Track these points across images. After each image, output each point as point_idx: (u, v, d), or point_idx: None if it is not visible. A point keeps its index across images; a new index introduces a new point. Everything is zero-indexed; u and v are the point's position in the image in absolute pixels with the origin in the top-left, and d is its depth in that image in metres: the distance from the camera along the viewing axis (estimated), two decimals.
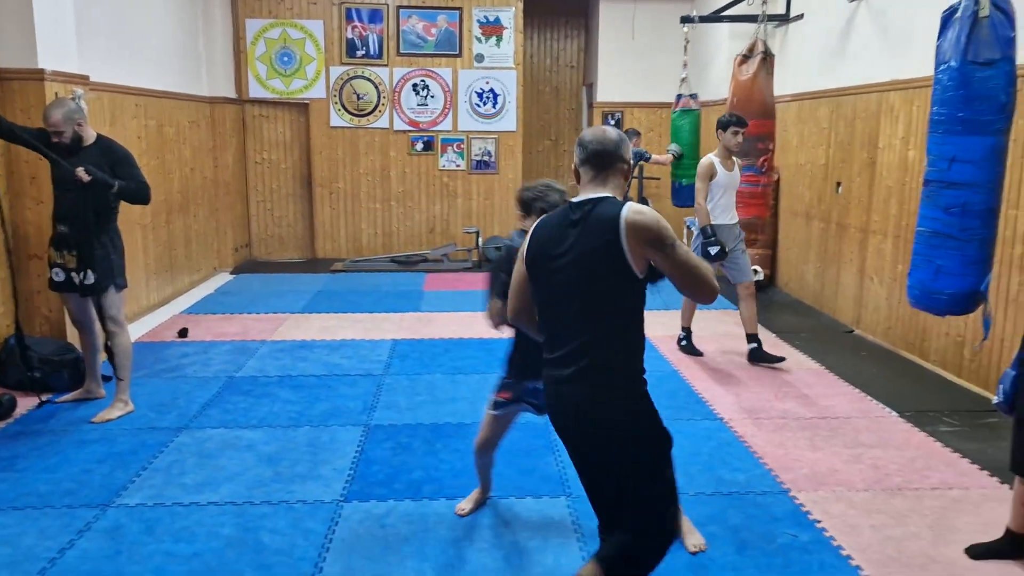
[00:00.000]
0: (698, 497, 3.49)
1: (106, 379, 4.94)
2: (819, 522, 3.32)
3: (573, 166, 2.36)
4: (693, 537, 3.11)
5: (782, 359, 5.46)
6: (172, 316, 6.84)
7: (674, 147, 8.35)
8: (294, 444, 4.13)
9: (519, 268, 2.36)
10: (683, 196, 8.32)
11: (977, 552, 3.05)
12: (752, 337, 5.53)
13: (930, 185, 3.38)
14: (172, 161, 7.55)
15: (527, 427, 4.34)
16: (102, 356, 4.66)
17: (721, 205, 5.45)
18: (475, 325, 6.53)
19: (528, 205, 3.02)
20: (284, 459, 3.94)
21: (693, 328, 5.85)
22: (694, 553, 3.04)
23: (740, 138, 5.40)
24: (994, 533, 3.14)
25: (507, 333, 3.12)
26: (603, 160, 2.27)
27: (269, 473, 3.77)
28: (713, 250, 5.29)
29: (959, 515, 3.38)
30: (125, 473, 3.74)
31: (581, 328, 2.21)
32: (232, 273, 8.83)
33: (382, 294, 7.81)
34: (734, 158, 5.53)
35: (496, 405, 3.21)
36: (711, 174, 5.41)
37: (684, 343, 5.83)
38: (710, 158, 5.47)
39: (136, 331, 6.21)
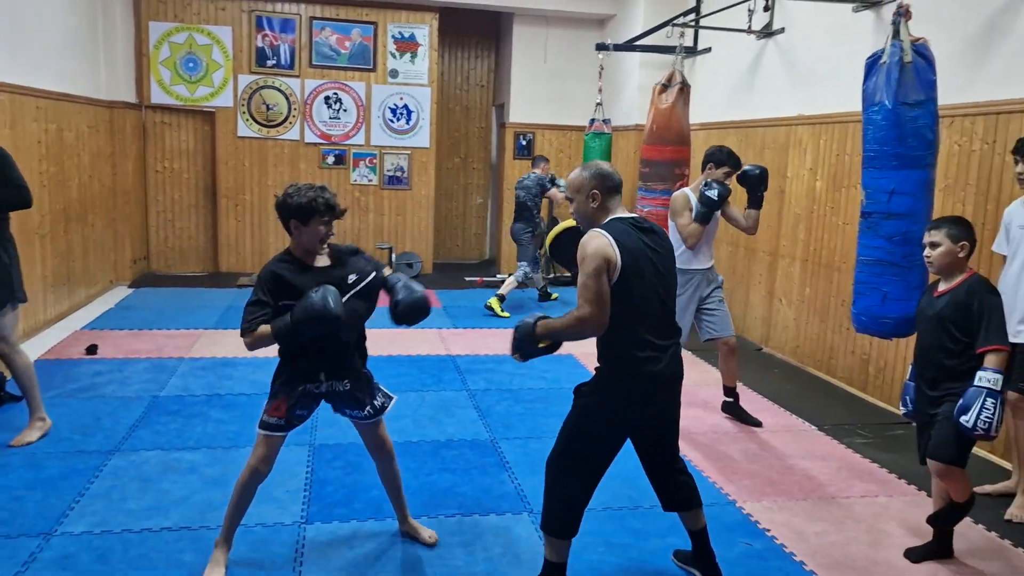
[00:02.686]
0: (653, 510, 3.61)
1: (15, 399, 4.63)
2: (768, 531, 3.53)
3: (593, 191, 2.74)
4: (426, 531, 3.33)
5: (759, 423, 4.87)
6: (74, 332, 6.45)
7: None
8: (239, 465, 3.92)
9: (603, 275, 2.56)
10: None
11: (915, 555, 3.31)
12: (730, 391, 5.00)
13: (871, 216, 3.67)
14: (71, 167, 7.15)
15: (476, 445, 4.38)
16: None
17: (696, 248, 4.68)
18: (402, 342, 6.50)
19: (306, 209, 2.80)
20: (232, 481, 3.74)
21: None
22: (432, 545, 3.26)
23: (730, 182, 4.64)
24: (922, 536, 3.43)
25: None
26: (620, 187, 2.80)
27: (219, 496, 3.63)
28: (712, 192, 4.43)
29: (889, 521, 3.66)
30: (61, 500, 3.52)
31: (672, 315, 2.78)
32: (131, 287, 8.40)
33: None
34: None
35: (273, 426, 2.98)
36: (688, 208, 4.64)
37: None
38: (686, 192, 4.74)
39: (38, 348, 5.85)
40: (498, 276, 9.14)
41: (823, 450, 4.53)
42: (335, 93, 9.29)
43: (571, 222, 2.98)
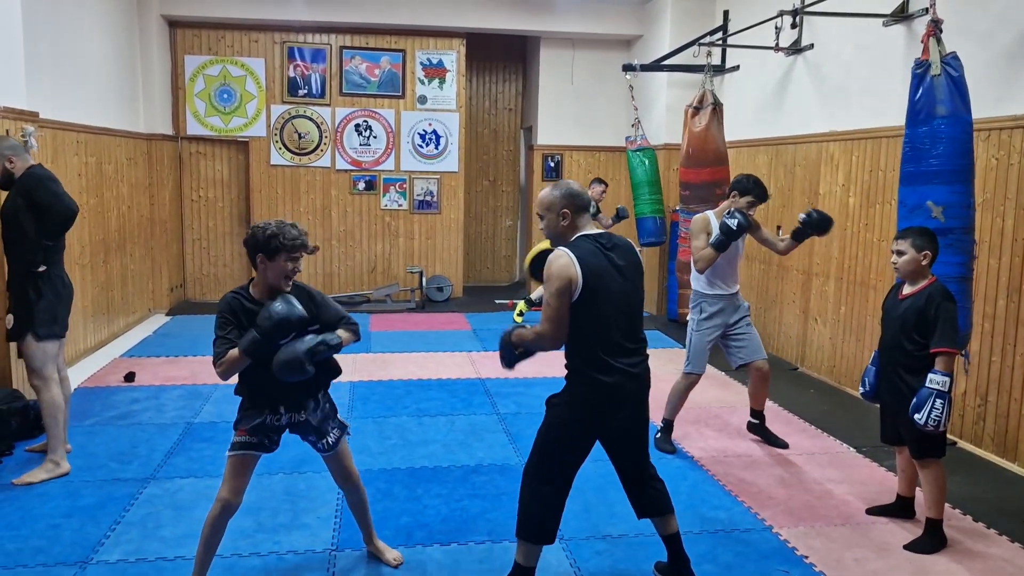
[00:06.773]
0: (687, 536, 3.55)
1: None
2: (806, 557, 3.44)
3: (564, 210, 2.89)
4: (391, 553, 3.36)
5: (786, 445, 4.79)
6: (112, 359, 6.56)
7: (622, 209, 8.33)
8: (271, 492, 4.01)
9: (564, 295, 2.73)
10: (645, 231, 8.45)
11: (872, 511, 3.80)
12: (756, 413, 4.93)
13: (952, 233, 3.82)
14: (110, 199, 7.31)
15: (506, 470, 4.34)
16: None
17: (717, 272, 4.59)
18: (432, 366, 6.51)
19: (272, 243, 2.77)
20: (264, 509, 3.83)
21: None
22: (397, 566, 3.28)
23: (754, 212, 4.54)
24: (968, 566, 3.33)
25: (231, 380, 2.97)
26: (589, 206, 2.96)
27: (251, 524, 3.65)
28: (732, 221, 4.36)
29: None
30: (97, 528, 3.57)
31: (639, 328, 2.93)
32: (168, 315, 8.54)
33: None
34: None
35: (240, 444, 2.99)
36: (707, 231, 4.54)
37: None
38: (707, 215, 4.64)
39: (78, 376, 5.94)
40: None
41: (862, 473, 4.42)
42: (365, 120, 9.40)
43: (547, 243, 2.98)
